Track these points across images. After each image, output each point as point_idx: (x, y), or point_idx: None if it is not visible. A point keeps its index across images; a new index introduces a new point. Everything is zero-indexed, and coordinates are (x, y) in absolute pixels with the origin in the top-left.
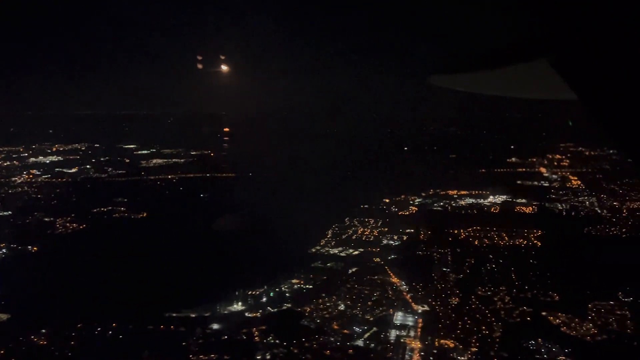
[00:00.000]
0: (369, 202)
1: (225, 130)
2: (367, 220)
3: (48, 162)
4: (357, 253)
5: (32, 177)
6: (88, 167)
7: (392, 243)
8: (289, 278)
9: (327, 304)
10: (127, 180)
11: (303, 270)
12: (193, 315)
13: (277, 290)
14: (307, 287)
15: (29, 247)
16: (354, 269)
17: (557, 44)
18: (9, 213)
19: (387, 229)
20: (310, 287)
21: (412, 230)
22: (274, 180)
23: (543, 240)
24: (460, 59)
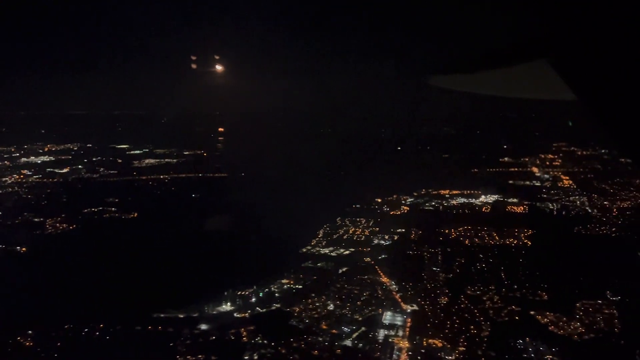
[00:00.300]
0: (361, 201)
1: (219, 130)
2: (358, 220)
3: (39, 162)
4: (347, 253)
5: (22, 177)
6: (80, 167)
7: (382, 243)
8: (279, 278)
9: (316, 304)
10: (118, 181)
11: (293, 270)
12: (181, 316)
13: (266, 291)
14: (296, 287)
15: (18, 247)
16: (344, 269)
17: (556, 45)
18: None
19: (378, 229)
20: (300, 287)
21: (403, 230)
22: (267, 180)
23: (533, 240)
24: (460, 60)
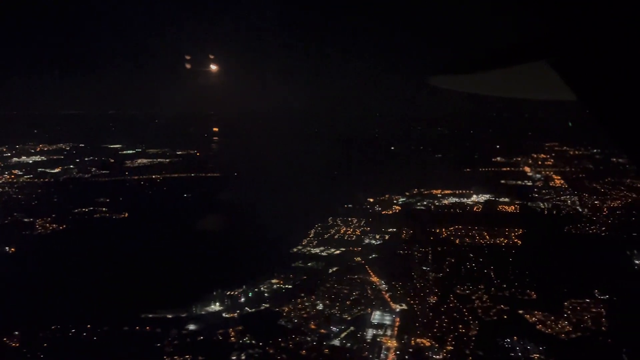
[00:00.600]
0: (353, 201)
1: (213, 130)
2: (350, 220)
3: (31, 162)
4: (338, 253)
5: (13, 177)
6: (71, 167)
7: (373, 242)
8: (269, 278)
9: (305, 304)
10: (110, 181)
11: (283, 270)
12: (170, 316)
13: (255, 291)
14: (286, 287)
15: (7, 247)
16: (335, 269)
17: (557, 45)
18: None
19: (369, 229)
20: (290, 287)
21: (394, 230)
22: (260, 180)
23: (524, 239)
24: (461, 60)
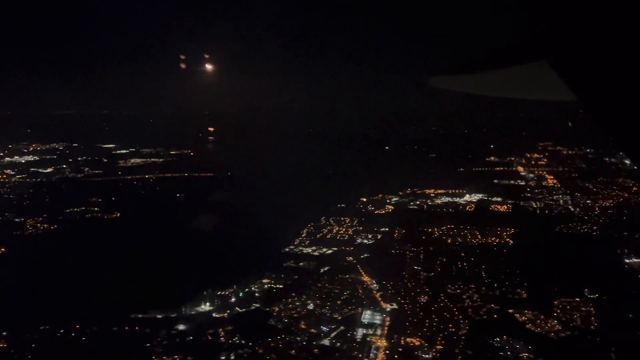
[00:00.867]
0: (346, 201)
1: (207, 130)
2: (342, 220)
3: (23, 161)
4: (330, 252)
5: (5, 177)
6: (64, 166)
7: (365, 242)
8: (260, 278)
9: (296, 304)
10: (103, 180)
11: (275, 270)
12: (159, 316)
13: (246, 290)
14: (277, 286)
15: None
16: (326, 268)
17: (557, 46)
18: None
19: (362, 228)
20: (281, 286)
21: (386, 229)
22: (253, 180)
23: (515, 239)
24: (461, 61)
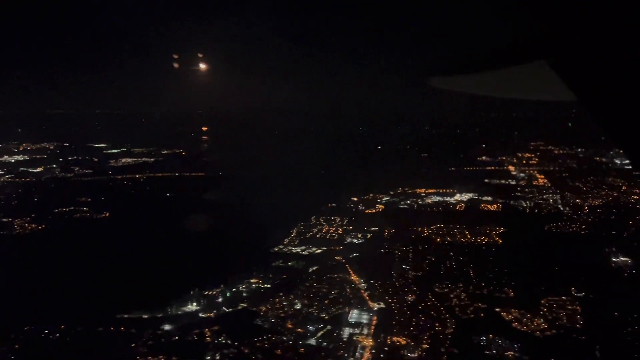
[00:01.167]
0: (337, 200)
1: (200, 130)
2: (332, 219)
3: (13, 161)
4: (319, 252)
5: None
6: (54, 166)
7: (355, 241)
8: (248, 277)
9: (283, 303)
10: (93, 180)
11: (263, 270)
12: (145, 316)
13: (234, 290)
14: (265, 286)
15: None
16: (315, 268)
17: (556, 46)
18: None
19: (352, 228)
20: (269, 286)
21: (376, 229)
22: (245, 180)
23: (504, 238)
24: (461, 61)
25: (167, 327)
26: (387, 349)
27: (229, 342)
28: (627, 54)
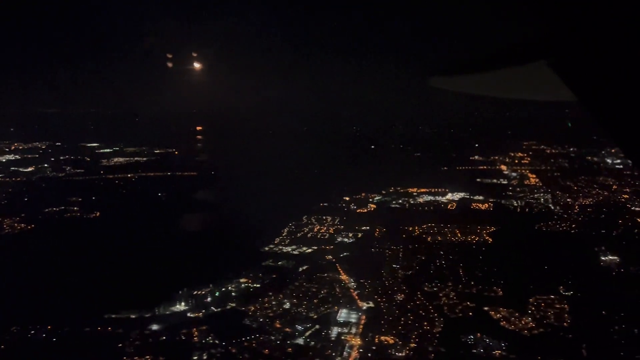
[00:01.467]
0: (329, 199)
1: (193, 129)
2: (324, 218)
3: (4, 160)
4: (310, 251)
5: None
6: (45, 165)
7: (346, 241)
8: (238, 277)
9: (272, 303)
10: (84, 180)
11: (253, 269)
12: (133, 316)
13: (223, 290)
14: (254, 286)
15: None
16: (305, 267)
17: (556, 46)
18: None
19: (343, 227)
20: (258, 286)
21: (367, 228)
22: (237, 179)
23: (494, 237)
24: (461, 61)
25: (154, 327)
26: (374, 348)
27: (217, 342)
28: (627, 54)
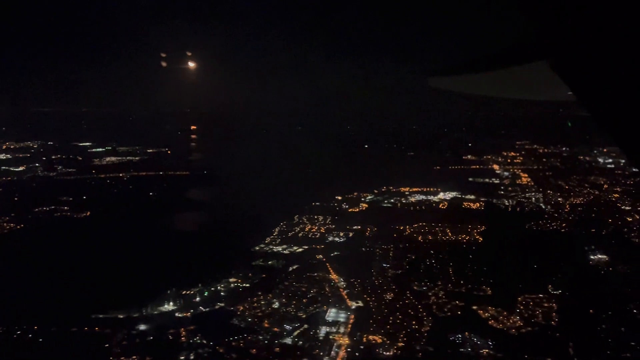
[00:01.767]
0: (321, 199)
1: (187, 128)
2: (315, 218)
3: None
4: (300, 250)
5: None
6: (37, 165)
7: (337, 240)
8: (227, 277)
9: (261, 303)
10: (75, 179)
11: (243, 269)
12: (121, 316)
13: (212, 290)
14: (244, 285)
15: None
16: (295, 267)
17: (556, 46)
18: None
19: (334, 226)
20: (247, 285)
21: (359, 227)
22: (229, 178)
23: (485, 236)
24: (461, 61)
25: (142, 327)
26: (362, 347)
27: (204, 341)
28: (626, 54)
